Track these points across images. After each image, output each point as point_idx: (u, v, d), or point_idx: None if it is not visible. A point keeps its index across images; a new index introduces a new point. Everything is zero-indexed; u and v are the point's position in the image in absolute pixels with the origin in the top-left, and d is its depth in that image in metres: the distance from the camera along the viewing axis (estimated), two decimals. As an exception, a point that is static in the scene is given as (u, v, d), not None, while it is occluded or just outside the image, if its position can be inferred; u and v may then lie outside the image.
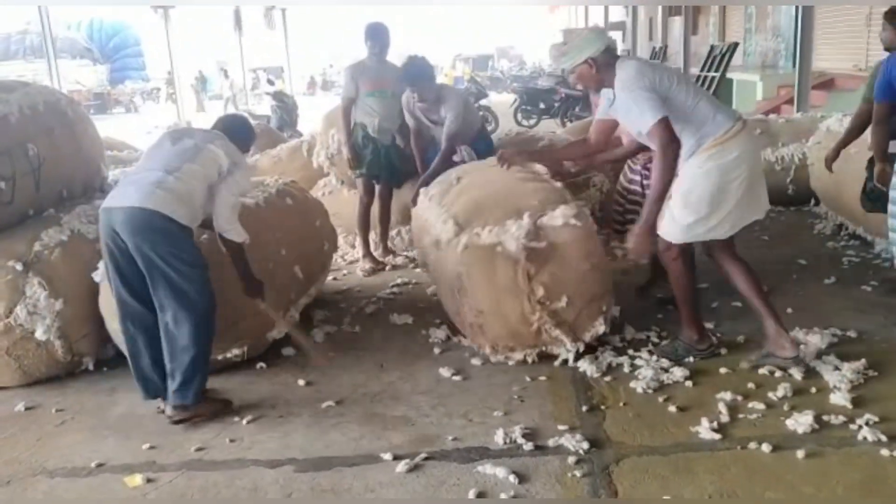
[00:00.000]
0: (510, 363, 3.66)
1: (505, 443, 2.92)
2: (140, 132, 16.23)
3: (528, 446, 2.88)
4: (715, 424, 2.94)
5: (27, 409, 3.52)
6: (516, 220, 3.55)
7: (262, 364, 3.84)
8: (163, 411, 3.28)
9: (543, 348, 3.62)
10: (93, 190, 4.45)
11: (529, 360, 3.63)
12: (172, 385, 3.18)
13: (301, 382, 3.62)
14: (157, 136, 3.46)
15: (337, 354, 3.89)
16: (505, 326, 3.58)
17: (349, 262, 5.77)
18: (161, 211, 3.07)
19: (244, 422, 3.26)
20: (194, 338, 3.14)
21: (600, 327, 3.62)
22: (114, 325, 3.48)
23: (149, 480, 2.83)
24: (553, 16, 50.56)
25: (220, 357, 3.73)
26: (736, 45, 12.99)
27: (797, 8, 9.89)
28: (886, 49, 4.37)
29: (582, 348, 3.62)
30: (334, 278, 5.32)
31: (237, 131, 3.62)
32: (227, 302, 3.59)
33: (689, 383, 3.33)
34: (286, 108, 12.44)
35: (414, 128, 5.29)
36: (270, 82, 18.51)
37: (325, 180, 6.30)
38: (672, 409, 3.11)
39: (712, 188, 3.28)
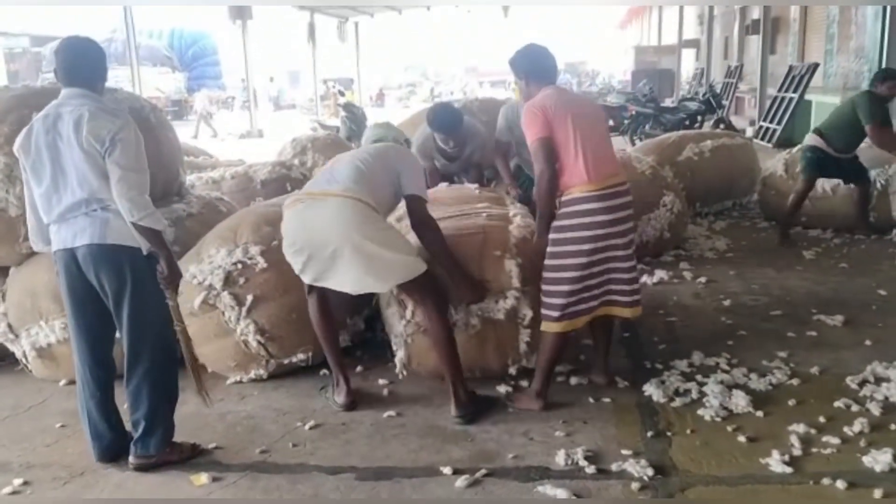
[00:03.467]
0: (572, 383, 3.61)
1: (566, 464, 2.88)
2: (214, 139, 16.73)
3: (591, 469, 2.83)
4: (787, 457, 2.84)
5: (101, 402, 3.65)
6: None
7: (325, 371, 3.89)
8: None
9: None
10: (171, 194, 4.59)
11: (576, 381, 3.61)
12: (136, 434, 2.99)
13: (365, 391, 3.65)
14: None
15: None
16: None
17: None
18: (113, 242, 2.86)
19: (307, 427, 3.31)
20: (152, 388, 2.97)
21: None
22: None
23: (214, 479, 2.90)
24: (624, 32, 50.21)
25: (285, 361, 3.81)
26: (816, 65, 12.59)
27: (882, 30, 9.55)
28: None
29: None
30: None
31: (84, 67, 2.91)
32: (292, 307, 3.67)
33: (759, 413, 3.23)
34: (355, 119, 12.62)
35: (430, 168, 5.11)
36: (341, 93, 18.83)
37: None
38: (741, 439, 3.01)
39: None
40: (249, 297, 3.68)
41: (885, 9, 9.36)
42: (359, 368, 3.94)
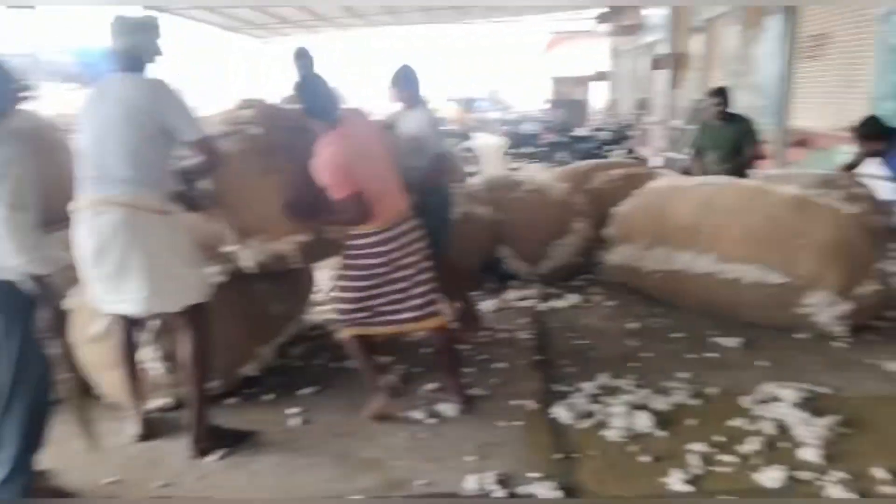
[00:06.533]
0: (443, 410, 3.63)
1: (477, 489, 2.89)
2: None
3: (501, 493, 2.85)
4: (687, 476, 2.93)
5: None
6: None
7: (234, 399, 3.79)
8: None
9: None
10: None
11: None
12: None
13: (274, 420, 3.58)
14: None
15: (314, 391, 3.87)
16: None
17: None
18: None
19: (213, 459, 3.20)
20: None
21: None
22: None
23: (110, 517, 2.77)
24: (545, 60, 51.21)
25: (191, 390, 3.68)
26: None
27: (780, 67, 10.19)
28: None
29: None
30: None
31: None
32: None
33: (662, 433, 3.33)
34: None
35: None
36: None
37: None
38: (645, 458, 3.10)
39: None
40: (156, 323, 3.56)
41: (782, 48, 10.02)
42: (270, 396, 3.86)
